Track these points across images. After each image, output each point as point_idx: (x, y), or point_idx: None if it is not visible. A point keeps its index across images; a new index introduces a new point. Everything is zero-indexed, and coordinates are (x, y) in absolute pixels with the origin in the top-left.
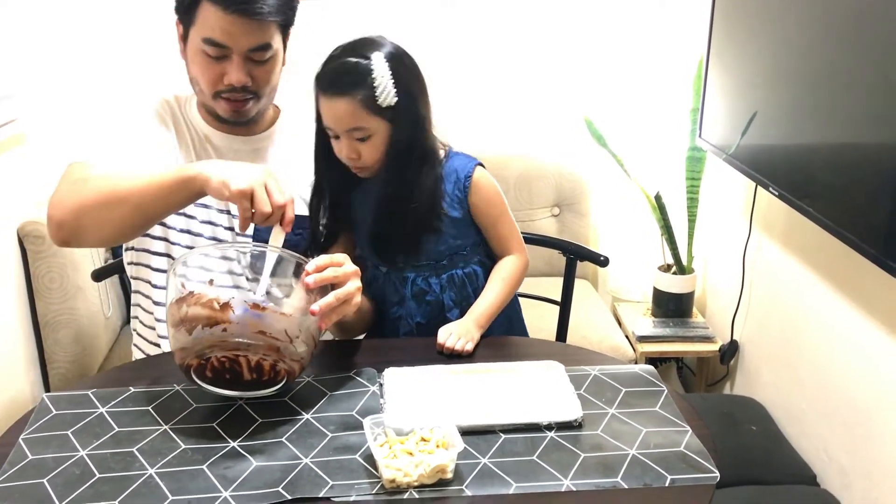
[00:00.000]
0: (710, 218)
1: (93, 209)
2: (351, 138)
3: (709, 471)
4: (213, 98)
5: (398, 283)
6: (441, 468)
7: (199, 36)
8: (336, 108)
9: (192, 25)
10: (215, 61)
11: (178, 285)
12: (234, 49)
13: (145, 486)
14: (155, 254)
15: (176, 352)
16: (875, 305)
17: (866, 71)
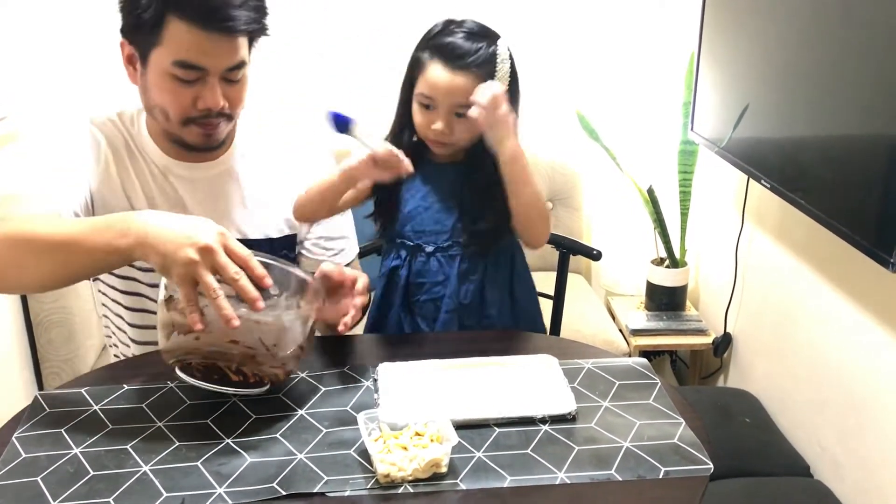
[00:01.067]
0: (703, 211)
1: (9, 255)
2: (451, 114)
3: (702, 462)
4: (183, 125)
5: (445, 262)
6: (435, 462)
7: (169, 58)
8: (455, 82)
9: (156, 47)
10: (187, 85)
11: (164, 287)
12: (210, 70)
13: (139, 484)
14: (122, 278)
15: (161, 352)
16: (867, 296)
17: (857, 63)
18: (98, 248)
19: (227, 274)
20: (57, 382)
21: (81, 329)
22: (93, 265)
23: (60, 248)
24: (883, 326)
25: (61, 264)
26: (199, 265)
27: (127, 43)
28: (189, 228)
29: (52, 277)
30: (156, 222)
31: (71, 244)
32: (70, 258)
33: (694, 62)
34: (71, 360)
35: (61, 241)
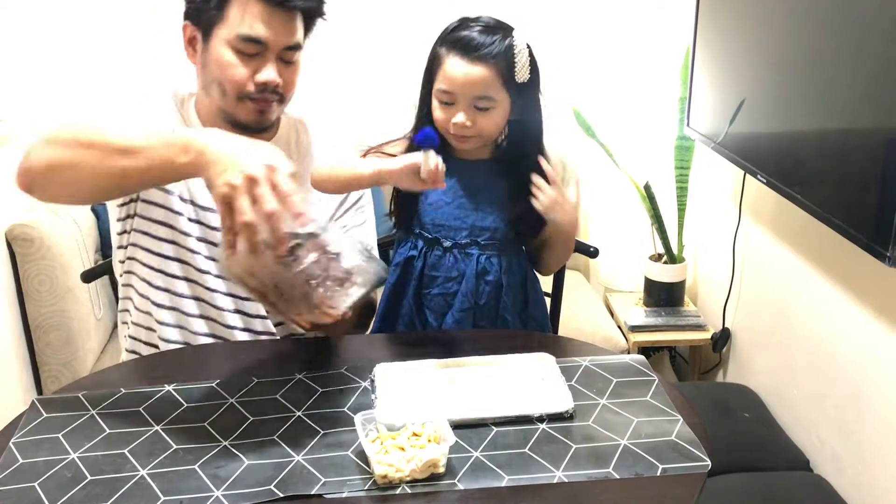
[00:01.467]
0: (700, 206)
1: (66, 159)
2: (471, 107)
3: (700, 459)
4: (238, 100)
5: (461, 259)
6: (433, 462)
7: (234, 32)
8: (472, 74)
9: (220, 23)
10: (248, 59)
11: None
12: (271, 46)
13: (137, 487)
14: (159, 255)
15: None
16: (864, 290)
17: (852, 57)
18: (157, 161)
19: (262, 207)
20: (55, 386)
21: (79, 332)
22: (147, 177)
23: (121, 154)
24: (880, 319)
25: (118, 171)
26: (238, 190)
27: (190, 25)
28: (242, 154)
29: (104, 185)
30: (216, 142)
31: (135, 150)
32: (131, 165)
33: (689, 57)
34: (69, 363)
35: (127, 146)
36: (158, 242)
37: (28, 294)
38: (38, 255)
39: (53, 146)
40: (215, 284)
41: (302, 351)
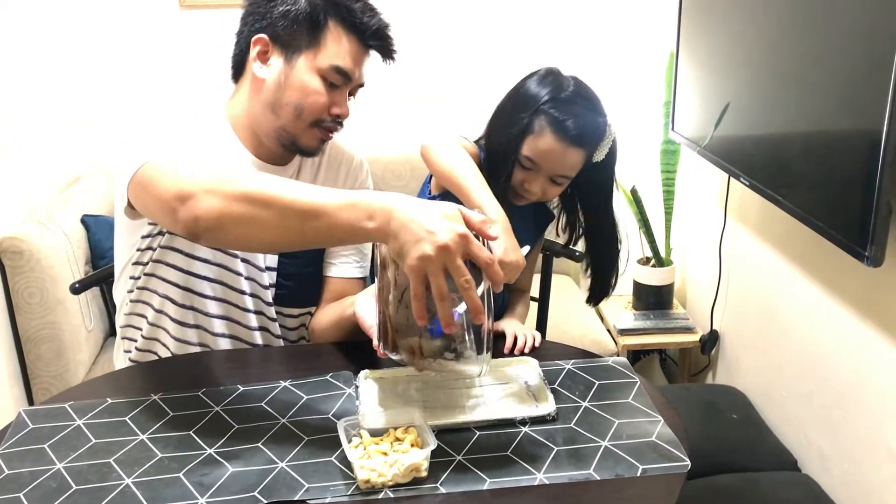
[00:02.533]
0: (686, 210)
1: (242, 218)
2: (549, 179)
3: (680, 459)
4: (310, 126)
5: None
6: (415, 467)
7: (329, 62)
8: (569, 158)
9: (313, 49)
10: (331, 90)
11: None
12: (353, 81)
13: (122, 496)
14: (182, 271)
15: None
16: (847, 290)
17: (833, 61)
18: (342, 225)
19: (458, 279)
20: (47, 397)
21: (71, 344)
22: (330, 238)
23: (305, 216)
24: (863, 319)
25: (298, 231)
26: (433, 262)
27: (267, 40)
28: (433, 222)
29: (285, 241)
30: (402, 209)
31: (317, 214)
32: (311, 227)
33: (673, 62)
34: (61, 375)
35: (308, 208)
36: (188, 260)
37: (18, 306)
38: (27, 268)
39: (221, 199)
40: (249, 305)
41: (287, 358)
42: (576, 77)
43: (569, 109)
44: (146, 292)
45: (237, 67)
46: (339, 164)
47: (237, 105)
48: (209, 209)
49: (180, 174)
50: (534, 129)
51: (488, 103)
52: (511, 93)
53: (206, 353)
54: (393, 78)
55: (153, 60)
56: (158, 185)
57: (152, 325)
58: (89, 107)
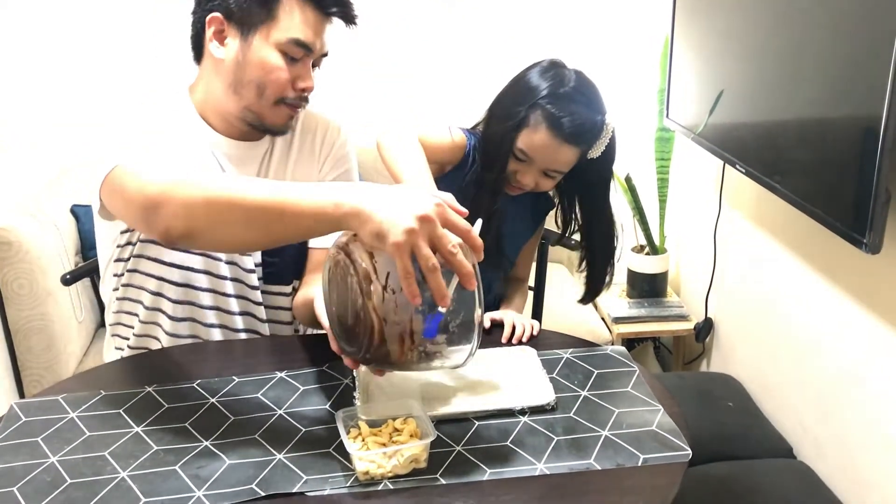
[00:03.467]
0: (681, 197)
1: (209, 222)
2: (541, 173)
3: (681, 448)
4: (274, 104)
5: None
6: (415, 458)
7: (286, 35)
8: (563, 154)
9: (268, 24)
10: (292, 64)
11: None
12: (314, 52)
13: (117, 490)
14: (178, 267)
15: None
16: (843, 277)
17: (829, 47)
18: (308, 215)
19: (444, 246)
20: (38, 389)
21: (61, 336)
22: (298, 230)
23: (269, 212)
24: (859, 306)
25: (265, 228)
26: (418, 235)
27: (221, 18)
28: (407, 198)
29: (256, 241)
30: (370, 193)
31: (280, 209)
32: (276, 223)
33: (668, 49)
34: (51, 366)
35: (270, 205)
36: (168, 251)
37: (8, 298)
38: (17, 259)
39: (186, 208)
40: (230, 290)
41: (282, 350)
42: (579, 72)
43: (566, 106)
44: (132, 289)
45: (196, 49)
46: (315, 131)
47: (200, 88)
48: (175, 219)
49: (146, 181)
50: (529, 122)
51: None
52: (512, 82)
53: (199, 344)
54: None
55: (154, 60)
56: (126, 192)
57: (144, 322)
58: (88, 106)
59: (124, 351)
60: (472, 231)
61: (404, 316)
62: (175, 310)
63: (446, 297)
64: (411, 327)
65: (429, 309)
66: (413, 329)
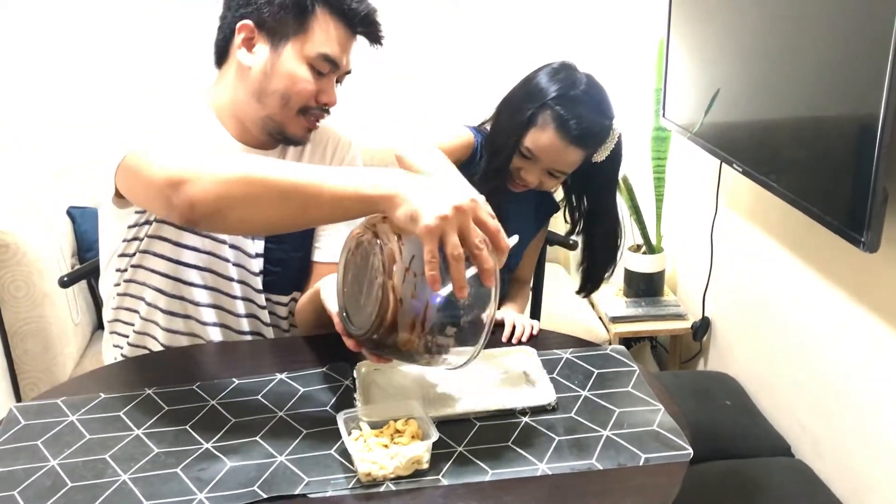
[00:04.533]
0: (678, 196)
1: (241, 199)
2: (546, 172)
3: (682, 448)
4: (297, 114)
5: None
6: (416, 459)
7: (316, 50)
8: (568, 156)
9: (299, 36)
10: (318, 78)
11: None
12: (340, 69)
13: (118, 493)
14: (169, 260)
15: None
16: (841, 276)
17: (825, 46)
18: (344, 196)
19: (472, 239)
20: (35, 392)
21: (58, 338)
22: (332, 212)
23: (306, 191)
24: (856, 304)
25: (300, 208)
26: (449, 222)
27: (252, 27)
28: (445, 187)
29: (286, 221)
30: (408, 178)
31: (317, 188)
32: (312, 201)
33: (664, 48)
34: (49, 369)
35: (309, 183)
36: (176, 249)
37: (4, 300)
38: (13, 261)
39: (216, 182)
40: (237, 292)
41: (282, 351)
42: (590, 76)
43: (574, 109)
44: (134, 285)
45: (220, 53)
46: (326, 144)
47: (221, 92)
48: (205, 193)
49: (169, 159)
50: (537, 122)
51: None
52: (523, 82)
53: (199, 346)
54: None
55: (153, 59)
56: (147, 171)
57: (144, 319)
58: (85, 106)
59: (123, 349)
60: (501, 232)
61: (420, 301)
62: (174, 308)
63: (465, 287)
64: (425, 314)
65: (445, 300)
66: (426, 316)
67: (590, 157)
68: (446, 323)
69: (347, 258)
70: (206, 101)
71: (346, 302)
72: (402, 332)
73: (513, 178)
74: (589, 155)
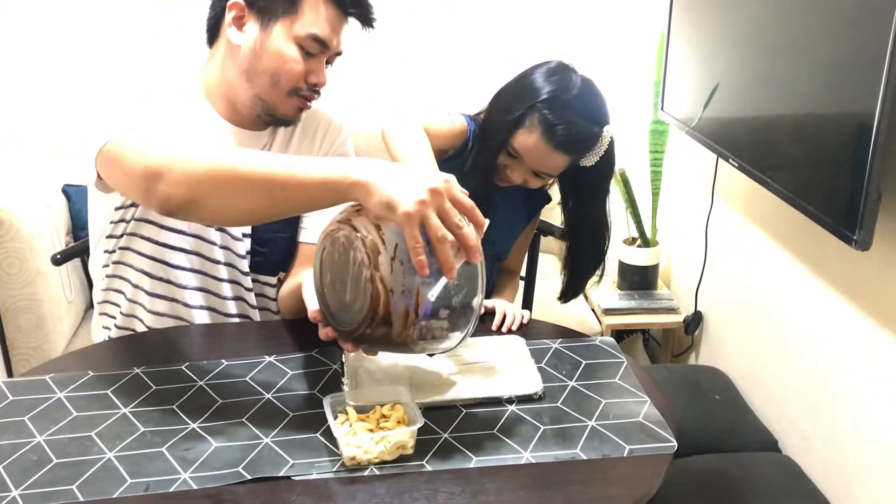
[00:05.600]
0: (674, 190)
1: (211, 191)
2: (532, 173)
3: (666, 440)
4: (287, 95)
5: None
6: (401, 444)
7: (306, 30)
8: (553, 160)
9: (289, 16)
10: (308, 58)
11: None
12: (330, 50)
13: (103, 470)
14: (154, 242)
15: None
16: (833, 273)
17: (823, 43)
18: (314, 185)
19: (451, 219)
20: (26, 369)
21: (50, 315)
22: (301, 201)
23: (274, 181)
24: (848, 302)
25: (269, 197)
26: (427, 205)
27: (243, 6)
28: (415, 171)
29: (257, 211)
30: (378, 166)
31: (285, 178)
32: (281, 191)
33: (664, 42)
34: (41, 346)
35: (275, 174)
36: (162, 231)
37: None
38: (7, 238)
39: (189, 175)
40: (223, 274)
41: (271, 334)
42: (587, 79)
43: (563, 114)
44: (122, 266)
45: (212, 32)
46: (316, 128)
47: (211, 71)
48: (178, 186)
49: (145, 150)
50: (525, 123)
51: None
52: (518, 78)
53: (188, 326)
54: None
55: (153, 60)
56: (125, 162)
57: (130, 300)
58: (85, 85)
59: (111, 330)
60: (476, 209)
61: (411, 288)
62: (159, 290)
63: (454, 268)
64: (416, 300)
65: (436, 284)
66: (418, 303)
67: (576, 162)
68: (439, 306)
69: (323, 258)
70: (195, 80)
71: (330, 302)
72: (396, 322)
73: (499, 174)
74: (575, 160)
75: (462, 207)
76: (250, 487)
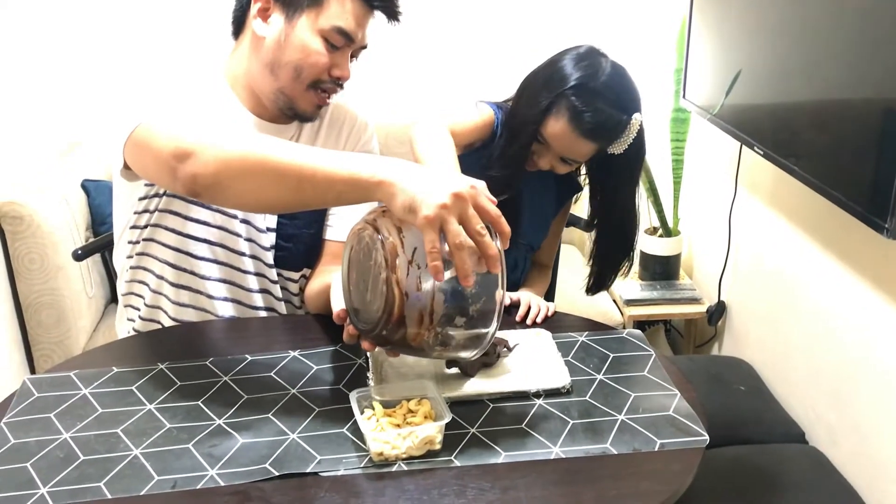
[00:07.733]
0: (696, 179)
1: (239, 175)
2: (559, 158)
3: (698, 434)
4: (308, 88)
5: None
6: (429, 439)
7: (331, 23)
8: (580, 147)
9: (315, 8)
10: (332, 51)
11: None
12: (355, 43)
13: (130, 467)
14: (177, 233)
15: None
16: (860, 262)
17: (850, 27)
18: (341, 180)
19: (473, 226)
20: (48, 364)
21: (72, 310)
22: (328, 196)
23: (302, 172)
24: (876, 292)
25: (295, 188)
26: (449, 210)
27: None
28: (442, 175)
29: (282, 200)
30: (406, 166)
31: (312, 170)
32: (308, 183)
33: (685, 28)
34: (62, 341)
35: (304, 165)
36: (186, 223)
37: (19, 272)
38: (28, 233)
39: (218, 157)
40: (248, 266)
41: (296, 328)
42: (616, 65)
43: (591, 101)
44: (146, 258)
45: (237, 24)
46: (342, 125)
47: (236, 63)
48: (206, 167)
49: (178, 132)
50: (553, 110)
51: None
52: (546, 64)
53: (212, 321)
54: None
55: (170, 29)
56: (155, 144)
57: (155, 292)
58: (105, 78)
59: (136, 322)
60: (502, 218)
61: (426, 293)
62: (182, 281)
63: (469, 276)
64: (432, 306)
65: (451, 290)
66: (433, 308)
67: (604, 149)
68: (454, 314)
69: (350, 256)
70: (221, 71)
71: (354, 300)
72: (411, 327)
73: (526, 160)
74: (603, 148)
75: (487, 215)
76: (277, 484)
